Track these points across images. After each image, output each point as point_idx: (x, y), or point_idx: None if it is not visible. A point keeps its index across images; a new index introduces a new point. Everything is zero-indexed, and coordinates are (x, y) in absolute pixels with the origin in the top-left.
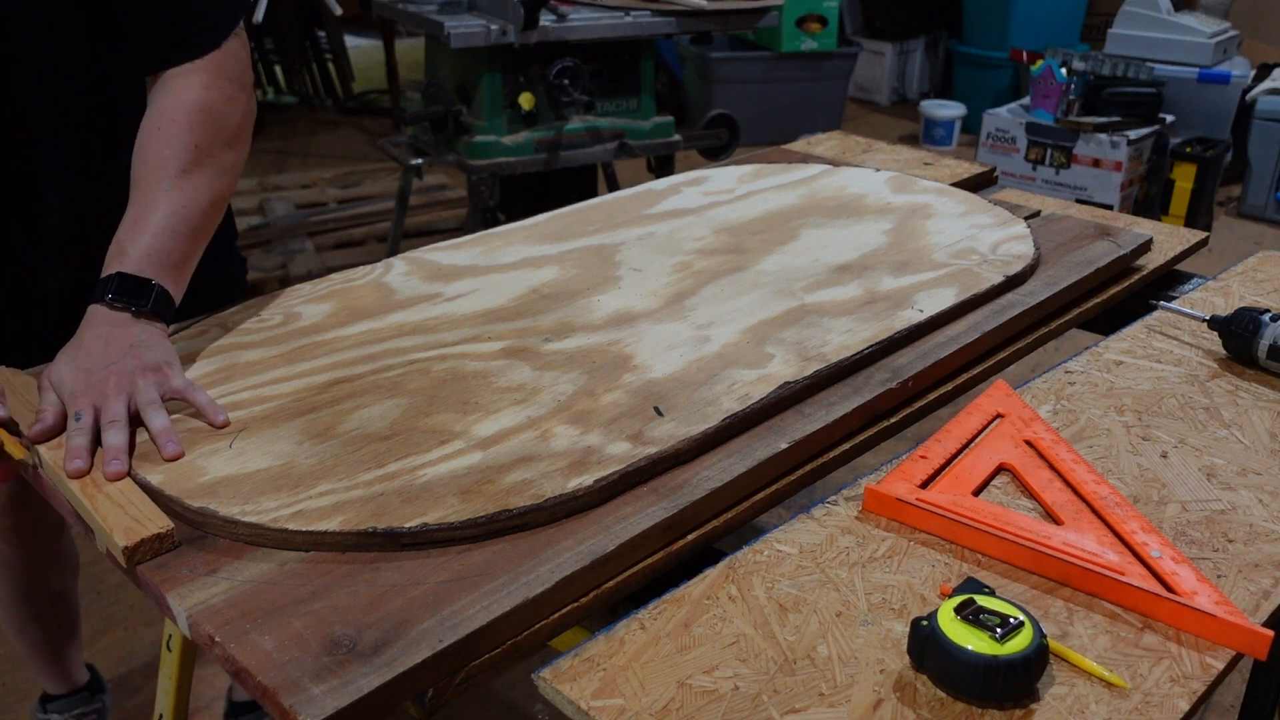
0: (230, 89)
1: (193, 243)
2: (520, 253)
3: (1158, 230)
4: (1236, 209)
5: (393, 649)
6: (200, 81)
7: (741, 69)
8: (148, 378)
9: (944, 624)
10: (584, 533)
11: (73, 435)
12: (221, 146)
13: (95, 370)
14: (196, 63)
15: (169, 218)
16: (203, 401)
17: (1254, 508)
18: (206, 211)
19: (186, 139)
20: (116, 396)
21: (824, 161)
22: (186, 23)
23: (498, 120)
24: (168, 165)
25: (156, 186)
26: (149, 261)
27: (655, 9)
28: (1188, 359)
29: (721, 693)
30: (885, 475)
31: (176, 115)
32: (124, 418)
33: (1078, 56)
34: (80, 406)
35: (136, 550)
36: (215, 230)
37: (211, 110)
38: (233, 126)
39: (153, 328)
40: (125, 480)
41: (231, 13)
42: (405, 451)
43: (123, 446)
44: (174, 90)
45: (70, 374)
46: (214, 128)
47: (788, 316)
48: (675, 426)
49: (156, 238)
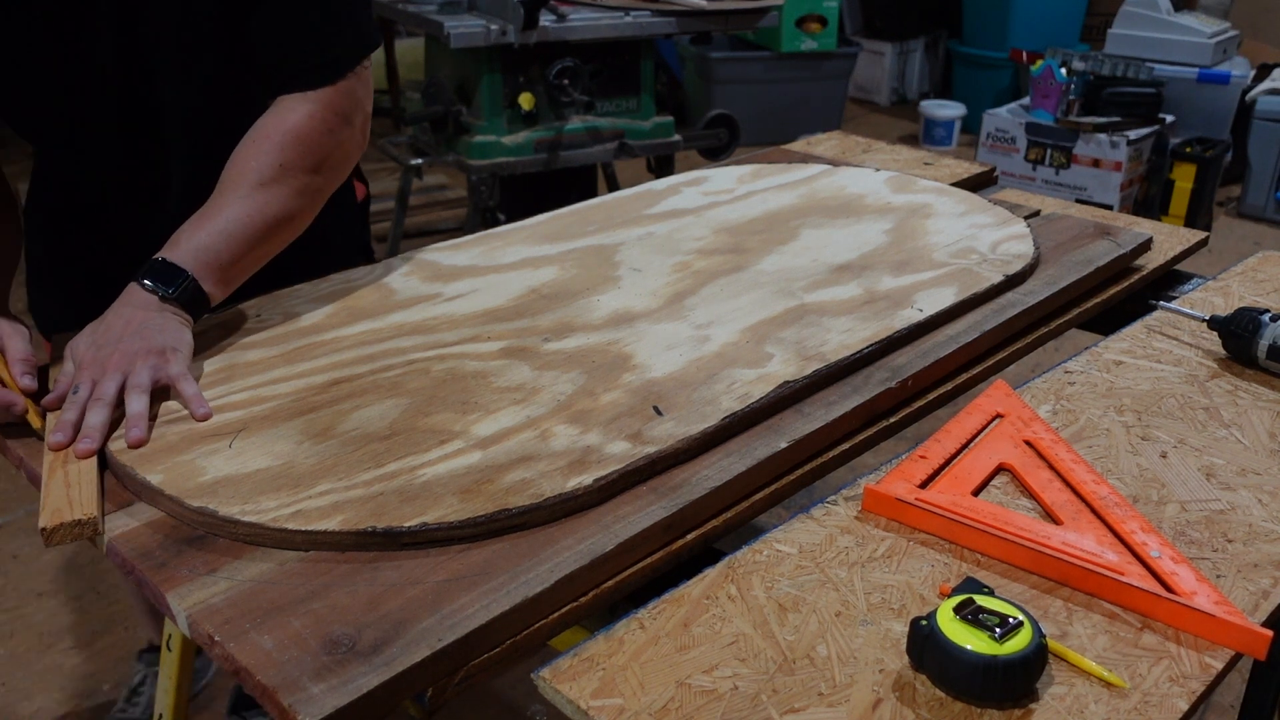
0: (333, 122)
1: (247, 249)
2: (520, 253)
3: (1158, 230)
4: (1236, 209)
5: (392, 648)
6: (306, 110)
7: (741, 69)
8: (148, 360)
9: (943, 624)
10: (583, 532)
11: (65, 408)
12: (306, 170)
13: (105, 346)
14: (308, 94)
15: (230, 222)
16: (189, 392)
17: (1253, 508)
18: (272, 225)
19: (274, 156)
20: (112, 375)
21: (824, 161)
22: (306, 58)
23: (498, 120)
24: (248, 176)
25: (232, 192)
26: (194, 255)
27: (655, 9)
28: (1187, 359)
29: (721, 692)
30: (885, 475)
31: (273, 133)
32: (110, 397)
33: (1078, 56)
34: (81, 380)
35: (54, 533)
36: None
37: (307, 137)
38: (324, 154)
39: (175, 315)
40: (89, 462)
41: (350, 55)
42: (405, 451)
43: (98, 426)
44: (280, 112)
45: (84, 347)
46: (304, 152)
47: (787, 316)
48: (675, 426)
49: (210, 236)
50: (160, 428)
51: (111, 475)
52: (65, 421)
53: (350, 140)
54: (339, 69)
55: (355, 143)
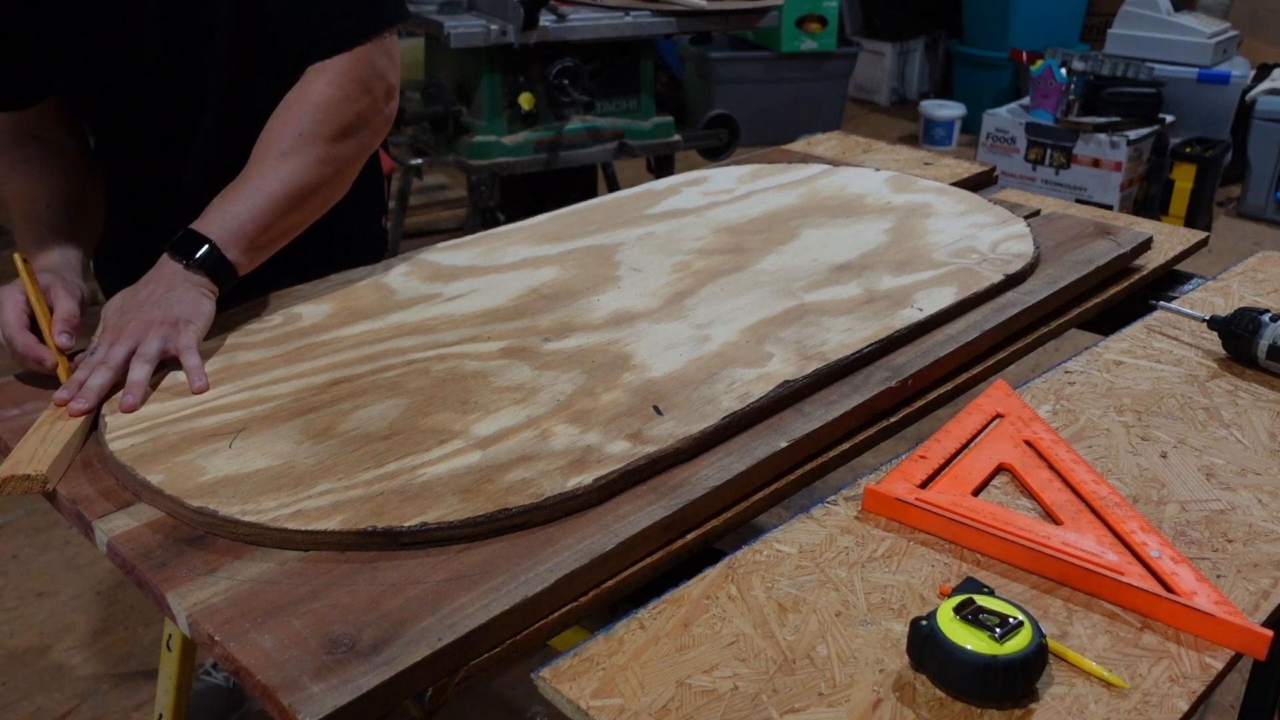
0: (353, 90)
1: (272, 219)
2: (520, 253)
3: (1158, 230)
4: (1236, 209)
5: (392, 648)
6: (324, 79)
7: (741, 69)
8: (160, 330)
9: (943, 624)
10: (583, 531)
11: (79, 368)
12: (325, 139)
13: (129, 312)
14: (326, 62)
15: (254, 192)
16: (190, 364)
17: (1253, 508)
18: (294, 195)
19: (293, 126)
20: (124, 342)
21: (824, 161)
22: (320, 28)
23: (497, 120)
24: (271, 147)
25: (257, 164)
26: (219, 225)
27: (655, 9)
28: (1187, 359)
29: (721, 692)
30: (885, 475)
31: (292, 104)
32: (116, 363)
33: (1077, 56)
34: (100, 343)
35: (3, 485)
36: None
37: (324, 104)
38: (344, 123)
39: (198, 285)
40: (74, 423)
41: (366, 22)
42: (405, 451)
43: (94, 388)
44: (302, 84)
45: (113, 311)
46: (322, 120)
47: (787, 316)
48: (675, 425)
49: (235, 206)
50: (160, 428)
51: (111, 475)
52: (73, 380)
53: (371, 109)
54: (353, 36)
55: (378, 112)
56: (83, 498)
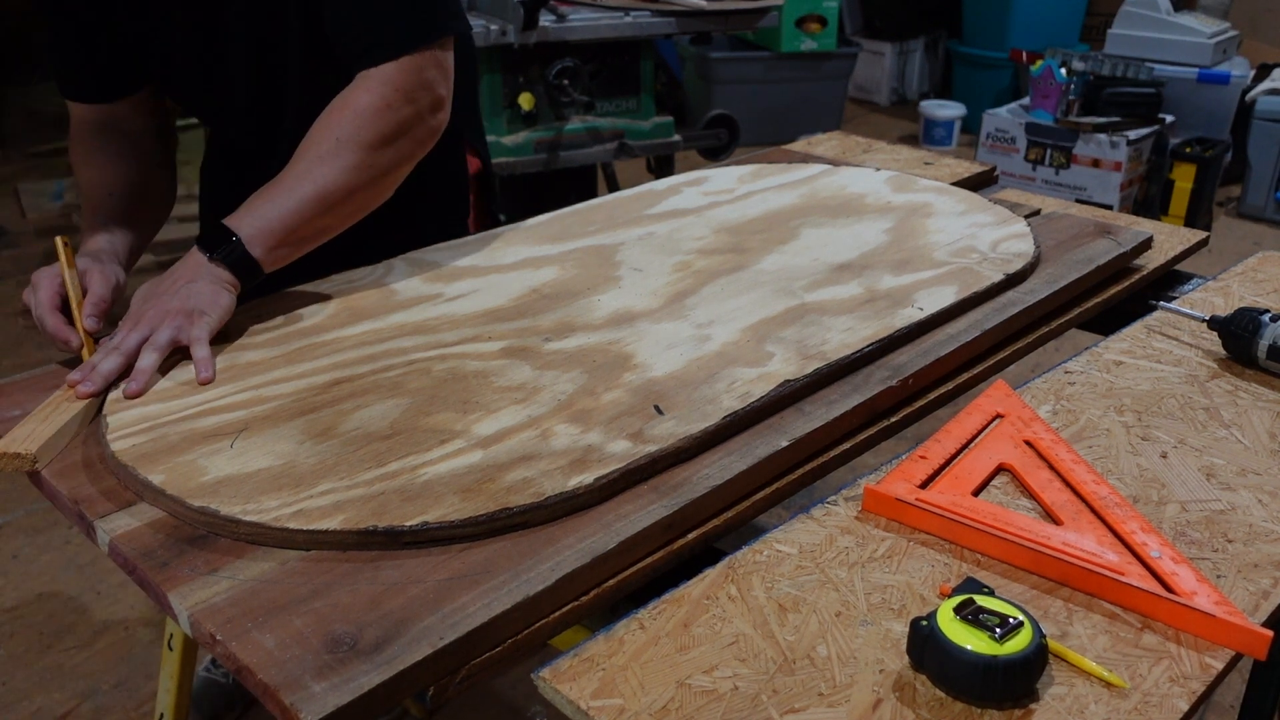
0: (394, 98)
1: (300, 220)
2: (520, 253)
3: (1158, 230)
4: (1236, 209)
5: (393, 647)
6: (366, 86)
7: (741, 69)
8: (175, 320)
9: (943, 624)
10: (584, 531)
11: (98, 352)
12: (363, 146)
13: (151, 299)
14: (373, 70)
15: (285, 193)
16: (198, 355)
17: (1253, 508)
18: (325, 198)
19: (332, 131)
20: (141, 329)
21: (824, 161)
22: (369, 36)
23: (497, 120)
24: (309, 149)
25: (294, 165)
26: (248, 222)
27: (655, 9)
28: (1187, 359)
29: (721, 692)
30: (885, 475)
31: (334, 109)
32: (129, 349)
33: (1077, 56)
34: (124, 330)
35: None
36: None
37: (365, 111)
38: (383, 131)
39: (220, 278)
40: (77, 405)
41: (413, 34)
42: (406, 451)
43: (103, 372)
44: (348, 89)
45: (139, 298)
46: (360, 126)
47: (788, 315)
48: (675, 425)
49: (265, 204)
50: (162, 428)
51: (113, 475)
52: (88, 363)
53: (413, 119)
54: (400, 45)
55: (421, 122)
56: (84, 498)
